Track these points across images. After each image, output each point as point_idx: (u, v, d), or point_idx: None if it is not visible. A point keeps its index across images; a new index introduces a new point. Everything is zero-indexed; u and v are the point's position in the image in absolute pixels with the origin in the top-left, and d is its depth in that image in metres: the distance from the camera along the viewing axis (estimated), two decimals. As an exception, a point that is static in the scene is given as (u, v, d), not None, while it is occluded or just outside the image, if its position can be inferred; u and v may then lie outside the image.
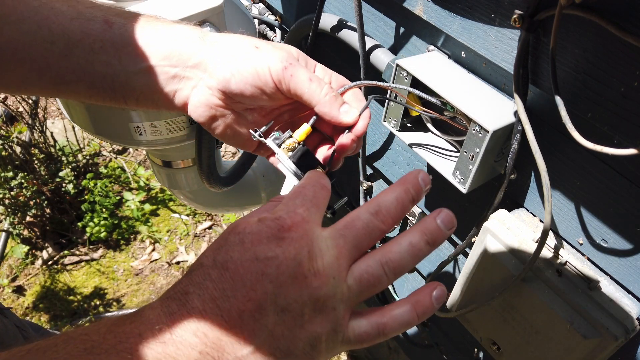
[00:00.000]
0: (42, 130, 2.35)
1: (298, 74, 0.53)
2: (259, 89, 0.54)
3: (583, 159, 0.60)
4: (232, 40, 0.56)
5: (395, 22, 0.80)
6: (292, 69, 0.53)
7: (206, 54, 0.55)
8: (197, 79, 0.55)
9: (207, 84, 0.55)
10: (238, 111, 0.58)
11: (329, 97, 0.54)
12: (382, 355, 1.67)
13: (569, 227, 0.65)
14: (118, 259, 2.32)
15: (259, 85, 0.54)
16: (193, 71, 0.55)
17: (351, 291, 0.40)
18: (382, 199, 0.42)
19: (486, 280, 0.70)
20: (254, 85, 0.54)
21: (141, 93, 0.56)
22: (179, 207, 2.51)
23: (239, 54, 0.54)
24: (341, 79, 0.60)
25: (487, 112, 0.61)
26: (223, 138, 0.60)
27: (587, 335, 0.60)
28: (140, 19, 0.56)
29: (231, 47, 0.55)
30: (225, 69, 0.54)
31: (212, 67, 0.55)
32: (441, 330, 1.13)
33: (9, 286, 2.19)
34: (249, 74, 0.53)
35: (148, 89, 0.56)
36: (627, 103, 0.49)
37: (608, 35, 0.48)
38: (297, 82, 0.53)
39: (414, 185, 0.43)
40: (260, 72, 0.53)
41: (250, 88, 0.54)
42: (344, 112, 0.55)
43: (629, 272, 0.60)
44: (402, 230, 1.06)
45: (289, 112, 0.61)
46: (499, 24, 0.59)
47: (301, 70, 0.53)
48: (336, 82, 0.59)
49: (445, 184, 0.70)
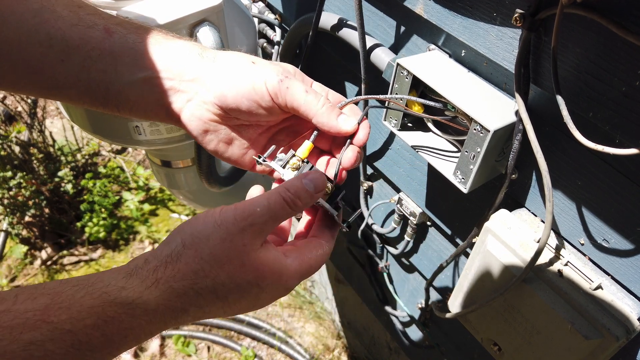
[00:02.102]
0: (41, 129, 2.35)
1: (294, 87, 0.53)
2: (255, 102, 0.54)
3: (584, 159, 0.60)
4: (229, 57, 0.56)
5: (396, 21, 0.80)
6: (288, 82, 0.53)
7: (204, 69, 0.55)
8: (193, 93, 0.55)
9: (203, 98, 0.55)
10: (233, 126, 0.58)
11: (326, 107, 0.54)
12: (382, 355, 1.67)
13: (570, 227, 0.65)
14: (117, 259, 2.32)
15: (256, 99, 0.54)
16: (189, 85, 0.55)
17: None
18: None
19: (487, 280, 0.70)
20: (251, 99, 0.54)
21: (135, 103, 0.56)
22: (178, 207, 2.51)
23: (236, 69, 0.55)
24: (337, 95, 0.60)
25: (488, 112, 0.60)
26: (216, 154, 0.60)
27: (588, 336, 0.60)
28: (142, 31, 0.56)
29: (228, 62, 0.55)
30: (222, 84, 0.54)
31: (209, 82, 0.55)
32: (442, 331, 1.13)
33: (8, 286, 2.19)
34: (246, 88, 0.54)
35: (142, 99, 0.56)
36: (629, 102, 0.49)
37: (609, 35, 0.48)
38: (293, 94, 0.53)
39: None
40: (256, 86, 0.53)
41: (247, 102, 0.54)
42: (342, 121, 0.55)
43: (631, 273, 0.60)
44: (402, 232, 1.06)
45: (284, 131, 0.61)
46: (500, 23, 0.59)
47: (297, 82, 0.54)
48: (332, 98, 0.59)
49: (446, 184, 0.70)
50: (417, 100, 0.65)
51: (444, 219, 0.90)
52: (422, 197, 0.92)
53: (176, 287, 0.43)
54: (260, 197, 0.47)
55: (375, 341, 1.69)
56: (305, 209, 0.50)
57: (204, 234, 0.45)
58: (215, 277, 0.44)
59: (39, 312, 0.38)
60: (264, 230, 0.46)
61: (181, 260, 0.44)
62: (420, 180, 0.91)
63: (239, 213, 0.45)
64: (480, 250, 0.70)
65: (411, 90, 0.69)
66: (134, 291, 0.42)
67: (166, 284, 0.43)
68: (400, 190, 0.99)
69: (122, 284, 0.42)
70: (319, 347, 2.09)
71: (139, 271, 0.43)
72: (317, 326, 2.15)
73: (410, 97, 0.66)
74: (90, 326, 0.39)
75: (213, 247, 0.44)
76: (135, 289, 0.42)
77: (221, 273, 0.44)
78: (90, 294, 0.40)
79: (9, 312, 0.37)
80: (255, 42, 0.99)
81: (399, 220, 1.02)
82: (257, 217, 0.45)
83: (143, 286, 0.42)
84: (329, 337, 2.12)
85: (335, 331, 2.14)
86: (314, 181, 0.49)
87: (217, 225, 0.45)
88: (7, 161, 2.22)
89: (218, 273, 0.44)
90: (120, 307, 0.41)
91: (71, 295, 0.40)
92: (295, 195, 0.47)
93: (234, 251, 0.45)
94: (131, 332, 0.41)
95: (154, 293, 0.42)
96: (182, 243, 0.45)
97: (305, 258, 0.49)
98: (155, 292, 0.42)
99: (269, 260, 0.46)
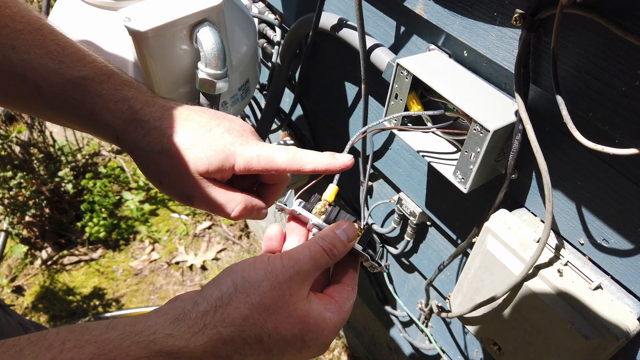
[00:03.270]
0: (41, 129, 2.35)
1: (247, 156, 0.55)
2: (223, 169, 0.56)
3: (584, 159, 0.60)
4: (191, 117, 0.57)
5: (396, 21, 0.80)
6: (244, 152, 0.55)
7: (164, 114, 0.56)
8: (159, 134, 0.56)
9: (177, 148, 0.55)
10: None
11: (324, 155, 0.55)
12: (382, 355, 1.67)
13: (570, 227, 0.65)
14: (117, 259, 2.32)
15: (226, 167, 0.55)
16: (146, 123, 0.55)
17: None
18: None
19: (487, 280, 0.70)
20: (220, 168, 0.55)
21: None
22: (178, 207, 2.51)
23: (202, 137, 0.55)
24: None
25: (488, 112, 0.60)
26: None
27: (588, 336, 0.60)
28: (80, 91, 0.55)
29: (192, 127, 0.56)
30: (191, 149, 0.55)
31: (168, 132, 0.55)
32: (441, 330, 1.13)
33: (8, 286, 2.19)
34: (216, 158, 0.55)
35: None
36: (629, 102, 0.49)
37: (609, 35, 0.48)
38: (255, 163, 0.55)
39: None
40: (224, 165, 0.55)
41: (220, 175, 0.56)
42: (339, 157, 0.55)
43: (630, 272, 0.60)
44: (402, 232, 1.06)
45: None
46: (500, 23, 0.59)
47: (249, 148, 0.55)
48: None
49: (446, 184, 0.70)
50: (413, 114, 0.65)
51: (444, 219, 0.90)
52: (422, 197, 0.92)
53: (224, 333, 0.42)
54: (302, 247, 0.48)
55: (375, 341, 1.69)
56: (342, 256, 0.51)
57: (256, 280, 0.44)
58: (262, 325, 0.43)
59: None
60: (307, 279, 0.46)
61: (232, 304, 0.43)
62: (420, 180, 0.91)
63: (285, 261, 0.46)
64: (480, 250, 0.70)
65: (411, 91, 0.69)
66: (181, 339, 0.41)
67: (214, 330, 0.42)
68: (400, 190, 0.99)
69: (169, 331, 0.41)
70: (319, 347, 2.08)
71: (187, 315, 0.42)
72: (317, 326, 2.15)
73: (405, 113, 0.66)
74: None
75: (263, 294, 0.44)
76: (182, 336, 0.41)
77: (269, 322, 0.44)
78: (136, 343, 0.39)
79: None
80: (255, 42, 1.00)
81: (399, 220, 1.02)
82: (302, 264, 0.46)
83: (190, 333, 0.41)
84: (329, 337, 2.11)
85: (335, 331, 2.13)
86: (347, 231, 0.50)
87: (267, 272, 0.45)
88: (7, 161, 2.22)
89: (266, 321, 0.44)
90: (166, 356, 0.40)
91: (118, 345, 0.39)
92: (332, 245, 0.49)
93: (282, 300, 0.44)
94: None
95: (201, 340, 0.41)
96: (233, 286, 0.44)
97: (342, 312, 0.49)
98: (202, 339, 0.41)
99: (314, 314, 0.46)
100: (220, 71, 0.80)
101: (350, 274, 0.53)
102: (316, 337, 0.46)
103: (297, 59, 1.12)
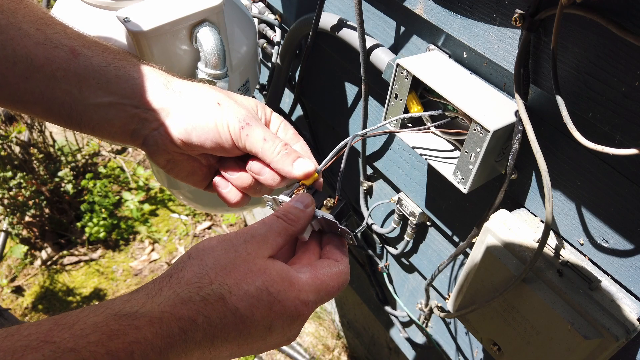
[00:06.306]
0: (41, 130, 2.35)
1: (253, 135, 0.57)
2: (218, 144, 0.58)
3: (584, 159, 0.60)
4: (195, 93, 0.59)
5: (396, 22, 0.80)
6: (249, 129, 0.57)
7: (169, 102, 0.57)
8: (158, 124, 0.58)
9: (168, 131, 0.58)
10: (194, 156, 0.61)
11: (281, 155, 0.57)
12: (382, 355, 1.67)
13: (570, 227, 0.65)
14: (117, 259, 2.32)
15: (219, 141, 0.57)
16: (154, 114, 0.57)
17: None
18: None
19: (487, 280, 0.70)
20: (214, 140, 0.57)
21: (98, 124, 0.58)
22: (178, 207, 2.51)
23: (202, 109, 0.58)
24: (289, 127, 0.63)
25: (487, 112, 0.60)
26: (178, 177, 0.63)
27: (588, 336, 0.60)
28: (108, 55, 0.57)
29: (195, 100, 0.58)
30: (187, 122, 0.57)
31: (174, 116, 0.57)
32: (441, 330, 1.13)
33: (8, 286, 2.19)
34: (210, 130, 0.57)
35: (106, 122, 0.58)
36: (629, 103, 0.49)
37: (609, 35, 0.48)
38: (252, 142, 0.57)
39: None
40: (220, 130, 0.57)
41: (210, 143, 0.58)
42: (296, 167, 0.57)
43: (630, 273, 0.60)
44: (402, 232, 1.06)
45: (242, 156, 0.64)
46: (499, 23, 0.59)
47: (257, 130, 0.57)
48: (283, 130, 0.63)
49: (446, 184, 0.70)
50: (413, 116, 0.65)
51: (444, 219, 0.90)
52: (421, 197, 0.92)
53: (180, 292, 0.42)
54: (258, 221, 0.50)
55: (375, 341, 1.69)
56: (304, 223, 0.52)
57: (209, 246, 0.46)
58: (221, 282, 0.44)
59: (42, 334, 0.38)
60: (265, 242, 0.47)
61: (186, 268, 0.44)
62: (419, 180, 0.91)
63: (240, 231, 0.48)
64: (480, 250, 0.70)
65: (411, 91, 0.69)
66: (138, 302, 0.41)
67: (170, 290, 0.43)
68: (400, 190, 0.99)
69: (126, 299, 0.42)
70: (318, 347, 2.09)
71: (145, 287, 0.44)
72: (317, 326, 2.15)
73: (399, 119, 0.66)
74: (94, 343, 0.38)
75: (217, 256, 0.45)
76: (139, 300, 0.42)
77: (228, 278, 0.44)
78: (94, 312, 0.40)
79: (12, 336, 0.37)
80: (255, 42, 1.00)
81: (398, 220, 1.02)
82: (256, 229, 0.48)
83: (147, 297, 0.42)
84: (329, 337, 2.12)
85: (335, 331, 2.14)
86: (300, 199, 0.53)
87: (220, 239, 0.47)
88: (7, 161, 2.22)
89: (224, 278, 0.44)
90: (123, 318, 0.40)
91: (75, 316, 0.39)
92: (286, 211, 0.51)
93: (239, 259, 0.45)
94: (137, 347, 0.39)
95: (157, 300, 0.42)
96: (187, 255, 0.46)
97: (318, 274, 0.49)
98: (158, 299, 0.42)
99: (276, 267, 0.46)
100: (220, 71, 0.80)
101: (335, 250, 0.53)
102: (284, 289, 0.45)
103: (297, 59, 1.12)
